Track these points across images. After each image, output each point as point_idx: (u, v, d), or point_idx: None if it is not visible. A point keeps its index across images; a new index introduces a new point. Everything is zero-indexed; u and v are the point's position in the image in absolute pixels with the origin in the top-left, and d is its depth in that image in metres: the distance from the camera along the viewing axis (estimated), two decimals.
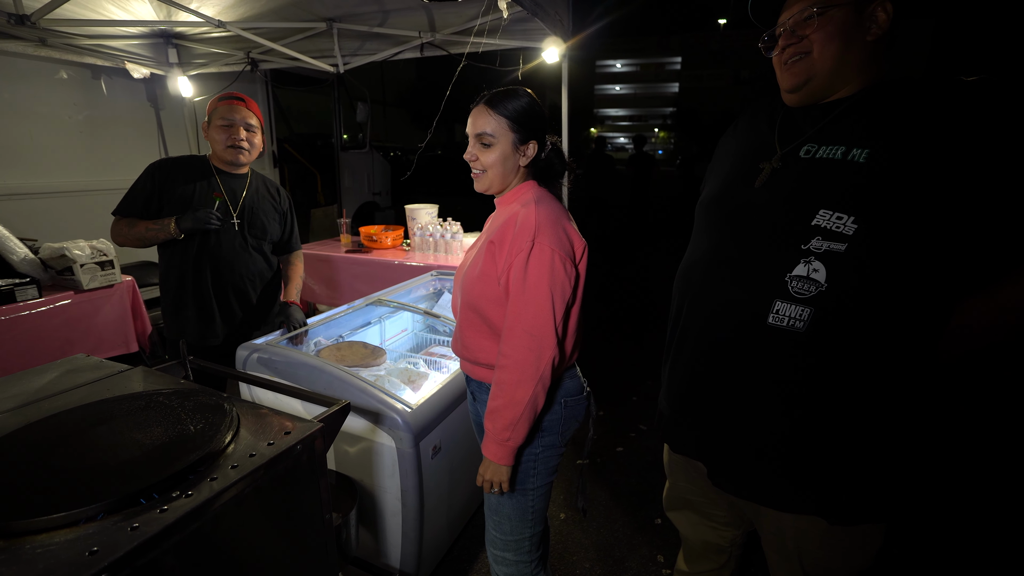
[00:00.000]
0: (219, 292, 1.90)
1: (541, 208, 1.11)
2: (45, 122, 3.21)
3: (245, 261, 1.94)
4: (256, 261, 1.98)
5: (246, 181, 1.97)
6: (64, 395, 1.15)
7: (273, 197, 2.05)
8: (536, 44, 2.79)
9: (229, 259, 1.90)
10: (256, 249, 1.97)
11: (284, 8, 2.89)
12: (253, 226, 1.95)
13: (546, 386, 1.09)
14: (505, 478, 1.15)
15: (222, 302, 1.92)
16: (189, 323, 1.90)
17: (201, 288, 1.88)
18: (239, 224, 1.91)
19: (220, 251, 1.88)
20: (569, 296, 1.10)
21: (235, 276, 1.92)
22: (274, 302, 2.10)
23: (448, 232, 3.12)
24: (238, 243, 1.92)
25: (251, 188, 1.97)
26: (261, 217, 1.97)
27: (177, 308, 1.91)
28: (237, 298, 1.94)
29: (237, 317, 1.96)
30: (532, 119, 1.16)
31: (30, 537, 0.73)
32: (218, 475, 0.87)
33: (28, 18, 1.94)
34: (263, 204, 1.99)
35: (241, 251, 1.93)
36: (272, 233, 2.01)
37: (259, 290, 2.00)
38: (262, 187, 2.03)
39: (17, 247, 2.52)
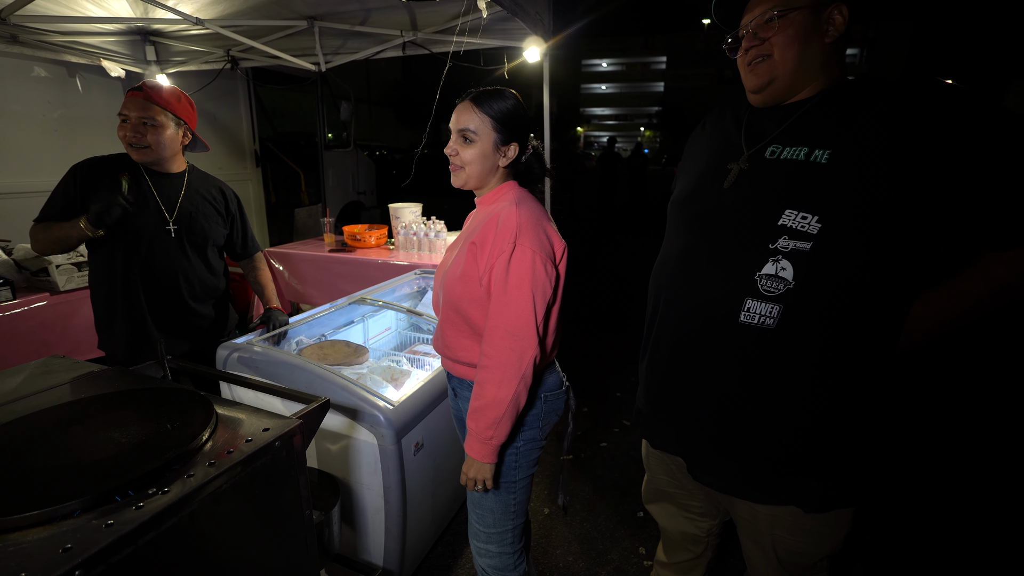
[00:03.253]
0: (154, 305, 1.75)
1: (522, 209, 1.13)
2: (18, 120, 3.15)
3: (184, 268, 1.78)
4: (197, 267, 1.82)
5: (183, 181, 1.81)
6: (39, 395, 1.14)
7: (215, 198, 1.89)
8: (517, 43, 2.81)
9: (164, 268, 1.74)
10: (198, 255, 1.82)
11: (264, 6, 2.87)
12: (192, 231, 1.78)
13: (528, 385, 1.11)
14: (488, 476, 1.17)
15: (158, 315, 1.77)
16: (120, 339, 1.76)
17: (132, 301, 1.72)
18: (175, 230, 1.75)
19: (153, 259, 1.72)
20: (550, 296, 1.12)
21: (172, 286, 1.77)
22: (225, 309, 1.97)
23: (432, 231, 3.12)
24: (174, 250, 1.76)
25: (189, 188, 1.81)
26: (201, 221, 1.81)
27: (108, 323, 1.76)
28: (176, 310, 1.79)
29: (180, 329, 1.81)
30: (516, 121, 1.17)
31: (3, 535, 0.73)
32: (195, 472, 0.88)
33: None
34: (203, 207, 1.83)
35: (179, 258, 1.77)
36: (215, 237, 1.86)
37: (199, 297, 1.84)
38: (202, 187, 1.86)
39: None
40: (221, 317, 1.95)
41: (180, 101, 1.75)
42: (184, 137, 1.79)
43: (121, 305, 1.72)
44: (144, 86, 1.70)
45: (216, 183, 1.94)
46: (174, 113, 1.72)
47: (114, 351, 1.78)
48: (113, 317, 1.74)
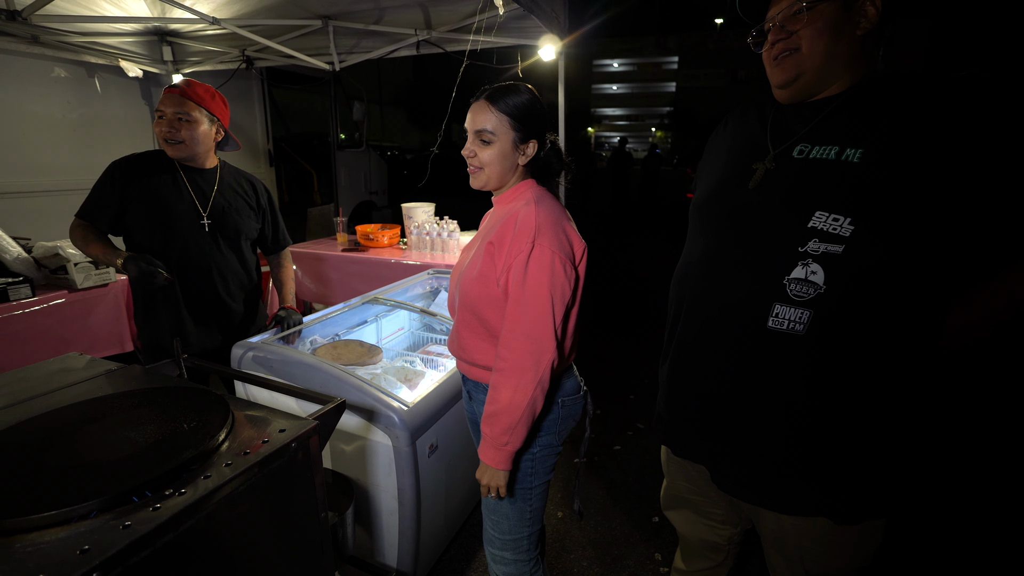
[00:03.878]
0: (189, 299, 1.79)
1: (541, 209, 1.10)
2: (38, 121, 3.19)
3: (218, 262, 1.82)
4: (230, 261, 1.86)
5: (215, 176, 1.84)
6: (56, 393, 1.14)
7: (247, 193, 1.92)
8: (533, 42, 2.79)
9: (198, 262, 1.78)
10: (231, 249, 1.86)
11: (280, 5, 2.88)
12: (225, 226, 1.82)
13: (545, 389, 1.08)
14: (503, 483, 1.14)
15: (193, 309, 1.80)
16: (156, 332, 1.79)
17: (168, 295, 1.76)
18: (209, 224, 1.79)
19: (188, 253, 1.76)
20: (569, 298, 1.09)
21: (207, 279, 1.80)
22: (255, 303, 2.00)
23: (445, 231, 3.11)
24: (208, 245, 1.79)
25: (222, 183, 1.85)
26: (233, 215, 1.84)
27: (145, 316, 1.80)
28: (211, 303, 1.82)
29: (212, 321, 1.84)
30: (533, 117, 1.14)
31: (20, 536, 0.72)
32: (212, 472, 0.86)
33: (19, 14, 1.92)
34: (235, 202, 1.87)
35: (212, 252, 1.81)
36: (247, 231, 1.90)
37: (233, 291, 1.87)
38: (234, 182, 1.90)
39: (10, 246, 2.50)
40: (252, 311, 1.98)
41: (214, 99, 1.79)
42: (217, 134, 1.82)
43: (160, 298, 1.76)
44: (182, 82, 1.75)
45: (248, 177, 1.98)
46: (208, 110, 1.76)
47: (150, 343, 1.81)
48: (150, 311, 1.78)
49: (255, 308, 2.01)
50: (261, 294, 2.05)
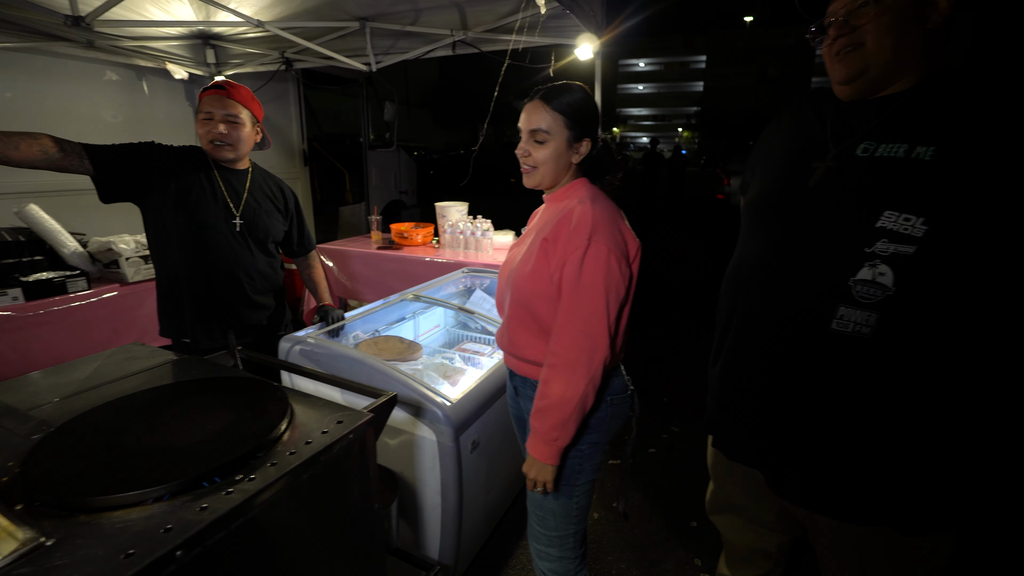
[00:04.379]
0: (218, 297, 1.78)
1: (597, 207, 1.10)
2: (92, 122, 3.32)
3: (246, 263, 1.82)
4: (259, 262, 1.86)
5: (247, 177, 1.85)
6: (124, 380, 1.19)
7: (275, 196, 1.92)
8: (569, 41, 2.78)
9: (229, 261, 1.77)
10: (260, 250, 1.87)
11: (319, 8, 2.94)
12: (255, 227, 1.83)
13: (596, 386, 1.08)
14: (550, 477, 1.14)
15: (221, 307, 1.80)
16: (183, 328, 1.79)
17: (196, 292, 1.76)
18: (241, 224, 1.79)
19: (219, 253, 1.76)
20: (623, 296, 1.09)
21: (235, 279, 1.80)
22: (282, 305, 2.00)
23: (479, 230, 3.13)
24: (238, 245, 1.79)
25: (253, 185, 1.85)
26: (263, 217, 1.85)
27: (171, 312, 1.80)
28: (239, 303, 1.82)
29: (238, 319, 1.83)
30: (587, 116, 1.15)
31: (108, 513, 0.75)
32: (277, 461, 0.89)
33: (83, 19, 2.02)
34: (265, 204, 1.87)
35: (243, 252, 1.81)
36: (275, 233, 1.90)
37: (259, 290, 1.87)
38: (264, 185, 1.90)
39: (68, 241, 2.62)
40: (279, 311, 1.99)
41: (254, 100, 1.81)
42: (257, 135, 1.84)
43: (186, 296, 1.76)
44: (225, 84, 1.75)
45: (276, 181, 1.98)
46: (250, 111, 1.78)
47: (177, 339, 1.82)
48: (177, 307, 1.78)
49: (282, 309, 2.01)
50: (285, 292, 2.05)
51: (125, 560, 0.67)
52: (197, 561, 0.73)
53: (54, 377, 1.20)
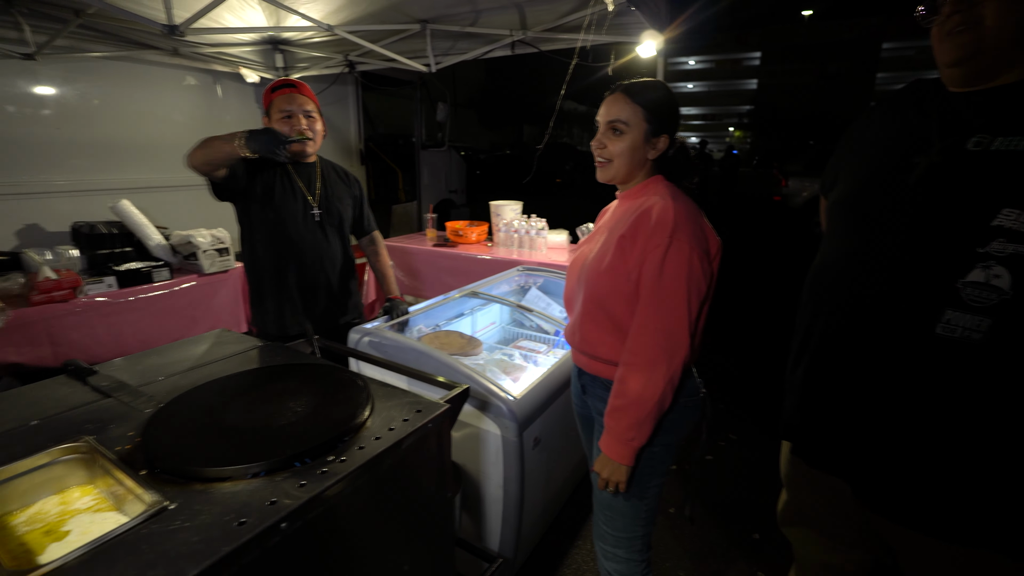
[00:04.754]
0: (302, 283, 1.87)
1: (678, 204, 1.09)
2: (172, 124, 3.56)
3: (326, 250, 1.91)
4: (335, 249, 1.95)
5: (316, 169, 1.93)
6: (219, 363, 1.27)
7: (344, 181, 2.02)
8: (630, 38, 2.75)
9: (311, 250, 1.87)
10: (337, 237, 1.95)
11: (382, 11, 3.04)
12: (331, 214, 1.92)
13: (675, 386, 1.07)
14: (624, 477, 1.14)
15: (305, 292, 1.89)
16: (269, 314, 1.89)
17: (282, 282, 1.85)
18: (319, 214, 1.87)
19: (302, 242, 1.85)
20: (704, 295, 1.08)
21: (316, 266, 1.89)
22: (350, 286, 2.06)
23: (533, 229, 3.14)
24: (319, 233, 1.88)
25: (323, 175, 1.94)
26: (336, 204, 1.94)
27: (259, 301, 1.91)
28: (319, 287, 1.91)
29: (320, 305, 1.93)
30: (667, 112, 1.14)
31: (218, 484, 0.81)
32: (364, 445, 0.93)
33: (177, 28, 2.17)
34: (337, 190, 1.96)
35: (322, 240, 1.89)
36: (347, 218, 1.99)
37: (338, 276, 1.97)
38: (332, 173, 1.99)
39: (153, 234, 2.82)
40: (351, 295, 2.07)
41: (312, 93, 1.89)
42: (324, 129, 1.91)
43: (270, 285, 1.86)
44: (294, 81, 1.84)
45: (341, 168, 2.07)
46: (317, 106, 1.87)
47: (264, 327, 1.93)
48: (263, 296, 1.89)
49: (353, 293, 2.10)
50: (357, 280, 2.13)
51: (238, 527, 0.71)
52: (297, 534, 0.77)
53: (156, 357, 1.30)
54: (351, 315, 2.06)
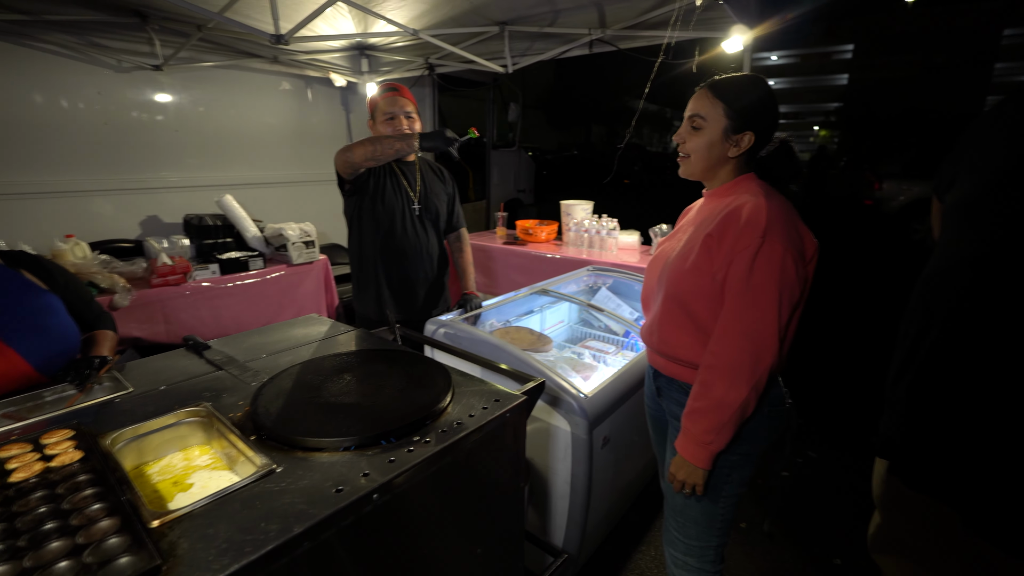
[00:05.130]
0: (402, 274, 2.00)
1: (772, 203, 1.04)
2: (269, 127, 3.86)
3: (425, 245, 2.02)
4: (433, 243, 2.06)
5: (416, 167, 2.04)
6: (311, 345, 1.37)
7: (440, 179, 2.13)
8: (715, 33, 2.65)
9: (412, 244, 1.98)
10: (434, 231, 2.07)
11: (463, 15, 3.12)
12: (429, 211, 2.03)
13: (759, 392, 1.03)
14: (700, 481, 1.11)
15: (404, 283, 2.01)
16: (371, 302, 2.02)
17: (389, 271, 1.99)
18: (419, 210, 2.00)
19: (405, 237, 1.97)
20: (796, 299, 1.02)
21: (416, 259, 2.00)
22: (443, 279, 2.16)
23: (604, 229, 3.11)
24: (419, 228, 2.00)
25: (423, 173, 2.05)
26: (434, 200, 2.05)
27: (361, 289, 2.05)
28: (419, 279, 2.03)
29: (418, 297, 2.05)
30: (752, 108, 1.09)
31: (316, 453, 0.88)
32: (446, 429, 0.97)
33: (283, 37, 2.37)
34: (434, 187, 2.07)
35: (422, 236, 2.01)
36: (443, 214, 2.10)
37: (435, 269, 2.09)
38: (430, 171, 2.10)
39: (250, 226, 3.09)
40: (447, 292, 2.18)
41: (412, 95, 2.00)
42: (422, 128, 2.01)
43: (375, 275, 2.00)
44: (396, 85, 1.96)
45: (436, 166, 2.18)
46: (416, 108, 1.98)
47: (366, 313, 2.06)
48: (367, 285, 2.03)
49: (445, 287, 2.20)
50: (450, 275, 2.22)
51: (336, 494, 0.77)
52: (385, 506, 0.82)
53: (258, 337, 1.42)
54: (441, 308, 2.16)
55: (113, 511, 0.72)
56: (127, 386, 1.12)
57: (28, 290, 1.19)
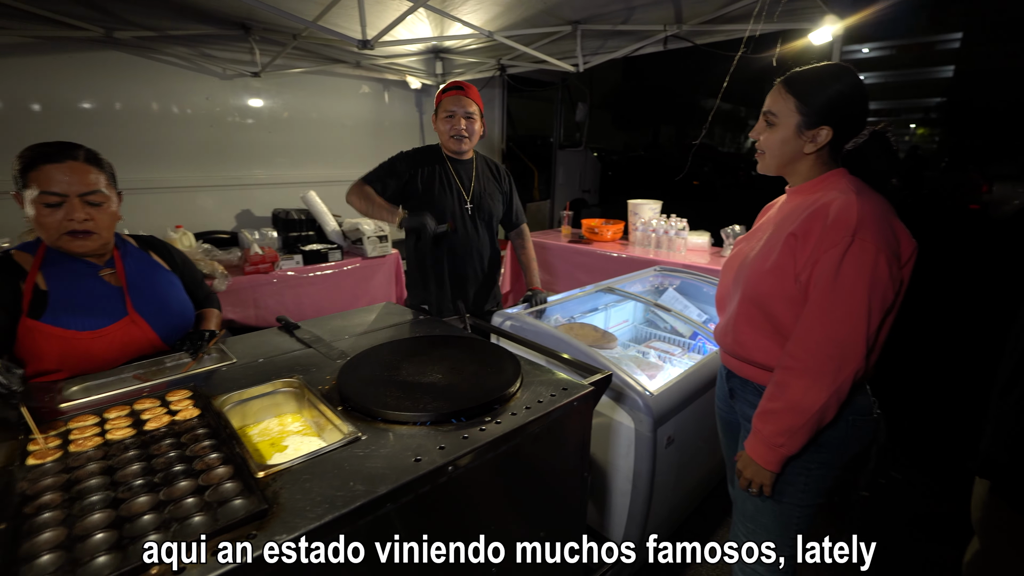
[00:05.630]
0: (453, 272, 2.04)
1: (864, 200, 0.98)
2: (349, 128, 4.10)
3: (476, 243, 2.05)
4: (484, 241, 2.09)
5: (473, 165, 2.06)
6: (388, 329, 1.46)
7: (496, 178, 2.13)
8: (803, 25, 2.51)
9: (464, 243, 2.02)
10: (486, 230, 2.09)
11: (535, 16, 3.16)
12: (481, 209, 2.04)
13: (841, 399, 0.98)
14: (768, 481, 1.07)
15: (455, 281, 2.06)
16: (421, 298, 2.06)
17: (438, 269, 2.03)
18: (472, 208, 2.02)
19: (456, 237, 2.01)
20: (889, 303, 0.97)
21: (467, 257, 2.04)
22: (495, 276, 2.18)
23: (672, 229, 3.04)
24: (471, 228, 2.03)
25: (478, 171, 2.06)
26: (487, 200, 2.06)
27: (415, 283, 2.13)
28: (469, 276, 2.07)
29: (468, 293, 2.08)
30: (829, 101, 1.03)
31: (396, 426, 0.94)
32: (516, 412, 1.01)
33: (368, 42, 2.52)
34: (488, 186, 2.08)
35: (473, 234, 2.04)
36: (497, 213, 2.11)
37: (486, 267, 2.12)
38: (486, 169, 2.11)
39: (330, 221, 3.30)
40: (497, 289, 2.22)
41: (479, 96, 2.01)
42: (482, 129, 2.05)
43: (426, 271, 2.07)
44: (462, 84, 1.98)
45: (494, 163, 2.19)
46: (480, 109, 2.00)
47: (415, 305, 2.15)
48: (418, 280, 2.11)
49: (496, 284, 2.23)
50: (502, 272, 2.26)
51: (415, 463, 0.83)
52: (459, 479, 0.87)
53: (341, 320, 1.53)
54: (491, 304, 2.21)
55: (227, 460, 0.81)
56: (231, 357, 1.25)
57: (156, 270, 1.36)
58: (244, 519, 0.68)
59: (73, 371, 1.18)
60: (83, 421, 0.93)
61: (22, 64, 2.67)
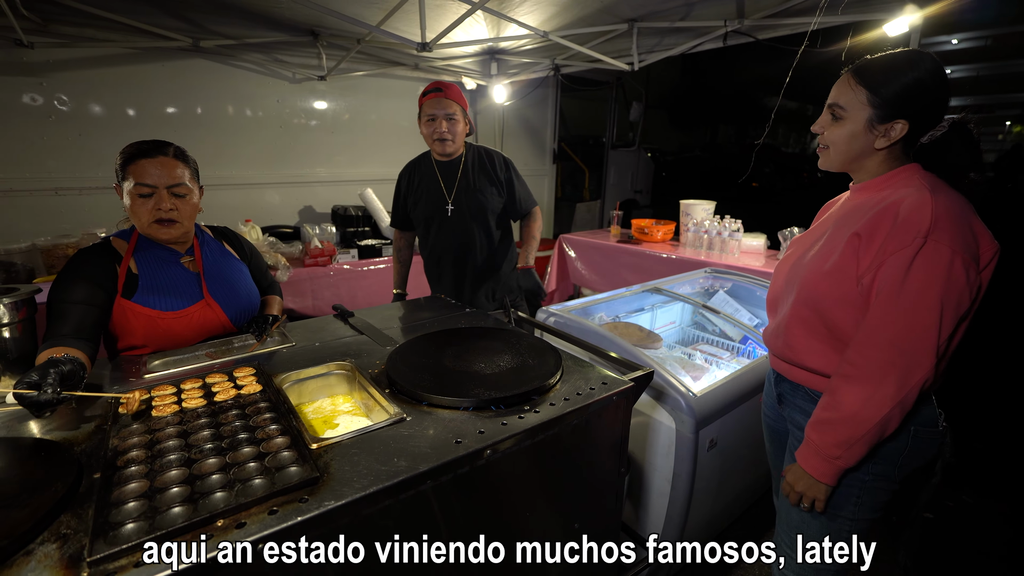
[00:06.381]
0: (449, 271, 2.09)
1: (940, 197, 0.92)
2: (402, 129, 4.23)
3: (464, 241, 2.04)
4: (477, 236, 2.04)
5: (459, 165, 2.02)
6: (436, 319, 1.52)
7: (487, 170, 2.06)
8: (875, 15, 2.37)
9: (451, 242, 2.04)
10: (478, 226, 2.04)
11: (592, 15, 3.15)
12: (468, 206, 2.01)
13: (905, 410, 0.92)
14: (821, 496, 1.03)
15: (454, 278, 2.10)
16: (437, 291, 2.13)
17: (438, 271, 2.12)
18: (452, 209, 2.01)
19: (441, 235, 2.04)
20: (965, 310, 0.90)
21: (459, 256, 2.06)
22: (498, 266, 2.15)
23: (726, 230, 2.95)
24: (456, 225, 2.02)
25: (464, 169, 2.02)
26: (476, 195, 2.01)
27: (429, 278, 2.22)
28: (467, 272, 2.08)
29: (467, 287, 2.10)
30: (904, 93, 0.96)
31: (439, 409, 0.99)
32: (555, 403, 1.03)
33: (428, 45, 2.62)
34: (478, 181, 2.03)
35: (460, 233, 2.03)
36: (490, 206, 2.04)
37: (484, 261, 2.09)
38: (478, 163, 2.05)
39: (385, 217, 3.44)
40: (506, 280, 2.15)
41: (462, 96, 1.95)
42: (468, 128, 2.01)
43: (430, 271, 2.18)
44: (441, 85, 1.91)
45: (488, 153, 2.09)
46: (464, 108, 1.95)
47: None
48: (431, 278, 2.21)
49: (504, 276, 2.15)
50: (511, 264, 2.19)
51: (456, 444, 0.87)
52: (496, 462, 0.90)
53: (391, 310, 1.61)
54: (501, 293, 2.16)
55: (284, 432, 0.88)
56: (291, 340, 1.34)
57: (228, 258, 1.48)
58: (298, 484, 0.75)
59: (156, 347, 1.31)
60: (163, 390, 1.04)
61: (122, 74, 2.97)
